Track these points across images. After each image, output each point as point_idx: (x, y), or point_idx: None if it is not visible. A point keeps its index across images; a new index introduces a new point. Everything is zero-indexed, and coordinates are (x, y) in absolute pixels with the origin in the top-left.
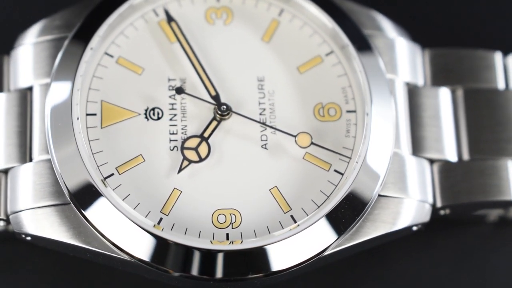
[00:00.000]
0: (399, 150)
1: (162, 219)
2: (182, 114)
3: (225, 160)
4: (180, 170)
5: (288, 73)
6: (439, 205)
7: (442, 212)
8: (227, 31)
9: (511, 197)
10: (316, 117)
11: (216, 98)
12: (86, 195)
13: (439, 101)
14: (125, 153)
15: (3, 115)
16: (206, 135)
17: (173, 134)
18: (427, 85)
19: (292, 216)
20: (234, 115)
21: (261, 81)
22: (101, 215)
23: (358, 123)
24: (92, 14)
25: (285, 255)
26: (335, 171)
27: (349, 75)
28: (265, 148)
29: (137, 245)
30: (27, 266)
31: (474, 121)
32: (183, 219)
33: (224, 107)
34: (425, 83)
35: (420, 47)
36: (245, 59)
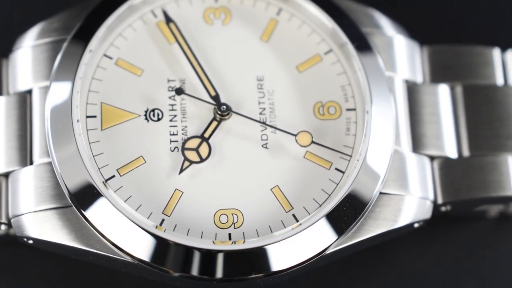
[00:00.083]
0: (399, 148)
1: (164, 220)
2: (182, 115)
3: (226, 160)
4: (181, 171)
5: (287, 72)
6: (440, 201)
7: (443, 209)
8: (226, 31)
9: (511, 192)
10: (316, 115)
11: (216, 99)
12: (88, 197)
13: (438, 98)
14: (126, 154)
15: (3, 118)
16: (206, 135)
17: (173, 135)
18: (426, 82)
19: (294, 215)
20: (234, 115)
21: (260, 80)
22: (102, 216)
23: (358, 121)
24: (91, 16)
25: (287, 254)
26: (336, 169)
27: (348, 73)
28: (266, 148)
29: (139, 246)
30: (29, 270)
31: (473, 117)
32: (185, 220)
33: (224, 107)
34: (424, 80)
35: (418, 44)
36: (244, 59)
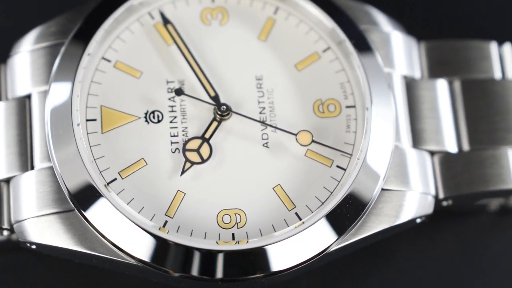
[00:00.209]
0: (400, 144)
1: (167, 222)
2: (182, 116)
3: (227, 160)
4: (183, 172)
5: (286, 71)
6: (442, 196)
7: (445, 203)
8: (223, 31)
9: None
10: (316, 113)
11: (215, 99)
12: (90, 201)
13: (436, 93)
14: (127, 157)
15: (3, 124)
16: (207, 136)
17: (174, 136)
18: (424, 78)
19: (296, 214)
20: (234, 115)
21: (259, 80)
22: (104, 218)
23: (358, 118)
24: (88, 19)
25: (290, 253)
26: (338, 166)
27: (347, 70)
28: (267, 147)
29: (140, 247)
30: (32, 275)
31: (472, 111)
32: (188, 221)
33: (224, 107)
34: (422, 75)
35: (415, 40)
36: (243, 59)
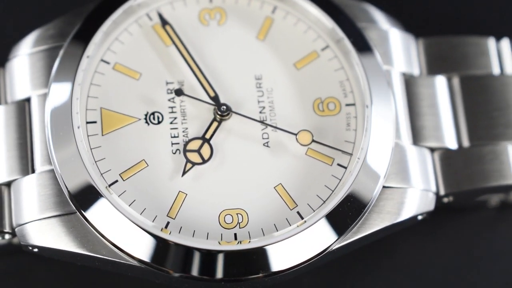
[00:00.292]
0: (400, 141)
1: (169, 223)
2: (182, 117)
3: (228, 160)
4: (184, 173)
5: (285, 70)
6: (442, 193)
7: (446, 200)
8: (222, 32)
9: None
10: (316, 112)
11: (215, 99)
12: (92, 204)
13: (435, 89)
14: (128, 159)
15: (3, 127)
16: (207, 136)
17: (174, 137)
18: (423, 75)
19: (298, 212)
20: (234, 115)
21: (258, 79)
22: (107, 221)
23: (358, 116)
24: (86, 21)
25: (293, 252)
26: (338, 165)
27: (346, 68)
28: (267, 146)
29: (143, 248)
30: (34, 278)
31: (471, 107)
32: (190, 221)
33: (224, 107)
34: (420, 72)
35: (413, 37)
36: (242, 59)
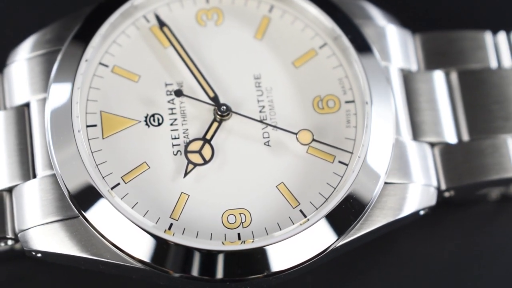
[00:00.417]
0: (400, 137)
1: (172, 224)
2: (183, 118)
3: (229, 160)
4: (186, 174)
5: (284, 68)
6: (444, 187)
7: (447, 194)
8: (220, 32)
9: None
10: (316, 110)
11: (215, 100)
12: (95, 207)
13: (434, 84)
14: (129, 161)
15: (3, 133)
16: (208, 137)
17: (175, 138)
18: (421, 70)
19: (301, 211)
20: (234, 115)
21: (257, 79)
22: (110, 224)
23: (358, 113)
24: (84, 25)
25: (296, 251)
26: (340, 162)
27: (344, 65)
28: (268, 145)
29: (147, 250)
30: (37, 283)
31: (470, 101)
32: (193, 222)
33: (224, 107)
34: (418, 68)
35: (410, 32)
36: (240, 58)
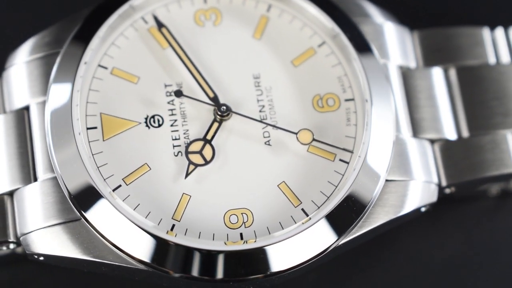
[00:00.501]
0: (400, 134)
1: (174, 225)
2: (183, 119)
3: (230, 160)
4: (187, 175)
5: (283, 67)
6: (444, 184)
7: (448, 191)
8: (218, 32)
9: None
10: (316, 108)
11: (214, 100)
12: (96, 209)
13: (433, 81)
14: (130, 163)
15: (3, 137)
16: (209, 137)
17: (175, 139)
18: (420, 67)
19: (303, 209)
20: (234, 115)
21: (257, 78)
22: (112, 226)
23: (358, 111)
24: (82, 27)
25: (299, 250)
26: (341, 160)
27: (343, 64)
28: (269, 145)
29: (150, 252)
30: (39, 286)
31: (469, 98)
32: (195, 223)
33: (224, 107)
34: (417, 65)
35: (408, 29)
36: (239, 58)
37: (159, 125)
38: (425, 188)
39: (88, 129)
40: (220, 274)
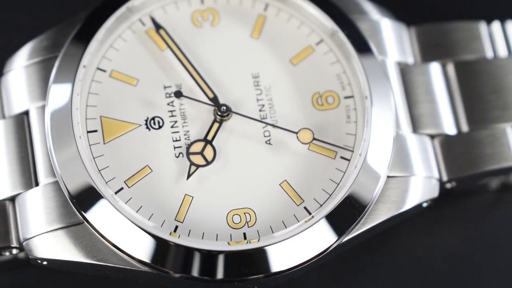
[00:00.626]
0: (400, 130)
1: (177, 226)
2: (183, 120)
3: (231, 160)
4: (189, 175)
5: (281, 66)
6: (445, 179)
7: (449, 186)
8: (216, 32)
9: None
10: (315, 107)
11: (214, 100)
12: (99, 212)
13: (431, 77)
14: (131, 165)
15: (3, 142)
16: (209, 138)
17: (176, 141)
18: (417, 63)
19: (305, 208)
20: (234, 115)
21: (256, 78)
22: (116, 229)
23: (358, 108)
24: (80, 31)
25: (302, 249)
26: (342, 157)
27: (342, 61)
28: (270, 144)
29: (152, 253)
30: None
31: (468, 92)
32: (198, 224)
33: (224, 108)
34: (415, 60)
35: (405, 25)
36: (237, 58)
37: (160, 127)
38: (426, 183)
39: (88, 132)
40: (220, 274)
